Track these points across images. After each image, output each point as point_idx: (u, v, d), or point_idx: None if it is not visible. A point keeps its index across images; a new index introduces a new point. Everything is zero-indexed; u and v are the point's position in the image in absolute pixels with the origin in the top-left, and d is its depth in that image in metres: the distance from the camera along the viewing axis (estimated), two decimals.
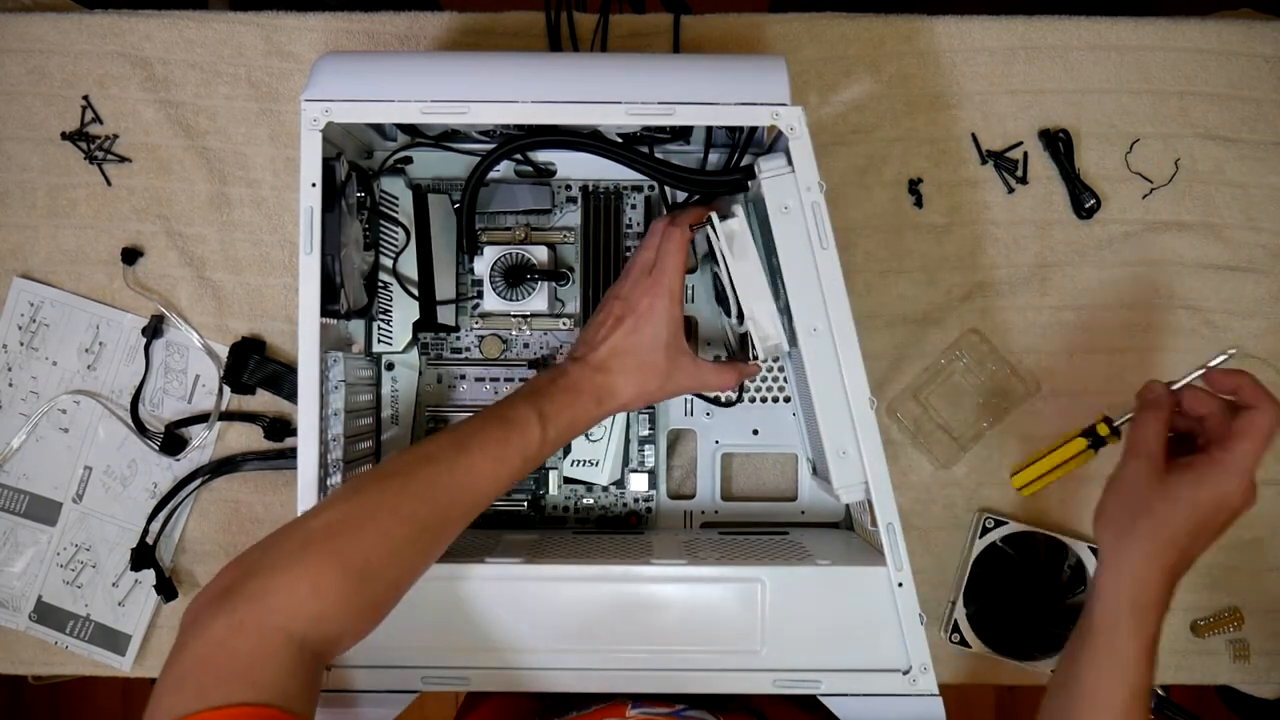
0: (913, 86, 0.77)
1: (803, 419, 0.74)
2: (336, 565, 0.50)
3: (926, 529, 0.77)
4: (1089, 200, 0.76)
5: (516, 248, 0.71)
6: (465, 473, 0.56)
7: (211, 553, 0.77)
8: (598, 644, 0.60)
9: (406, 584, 0.55)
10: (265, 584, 0.49)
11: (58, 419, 0.77)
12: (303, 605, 0.49)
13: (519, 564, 0.60)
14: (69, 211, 0.77)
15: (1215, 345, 0.77)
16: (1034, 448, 0.77)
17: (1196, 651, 0.77)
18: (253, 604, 0.48)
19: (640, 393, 0.62)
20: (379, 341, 0.72)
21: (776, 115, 0.59)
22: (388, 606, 0.54)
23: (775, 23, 0.77)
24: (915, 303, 0.77)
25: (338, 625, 0.50)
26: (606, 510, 0.76)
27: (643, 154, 0.67)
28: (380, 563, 0.52)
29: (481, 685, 0.59)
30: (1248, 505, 0.54)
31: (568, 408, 0.60)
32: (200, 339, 0.77)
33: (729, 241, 0.62)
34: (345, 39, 0.77)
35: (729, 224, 0.62)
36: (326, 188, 0.60)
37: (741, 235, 0.62)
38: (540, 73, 0.61)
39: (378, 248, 0.70)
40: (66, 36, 0.77)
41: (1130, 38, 0.77)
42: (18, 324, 0.77)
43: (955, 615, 0.75)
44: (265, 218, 0.77)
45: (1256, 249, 0.77)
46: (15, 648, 0.78)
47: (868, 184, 0.77)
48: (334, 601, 0.50)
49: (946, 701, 0.59)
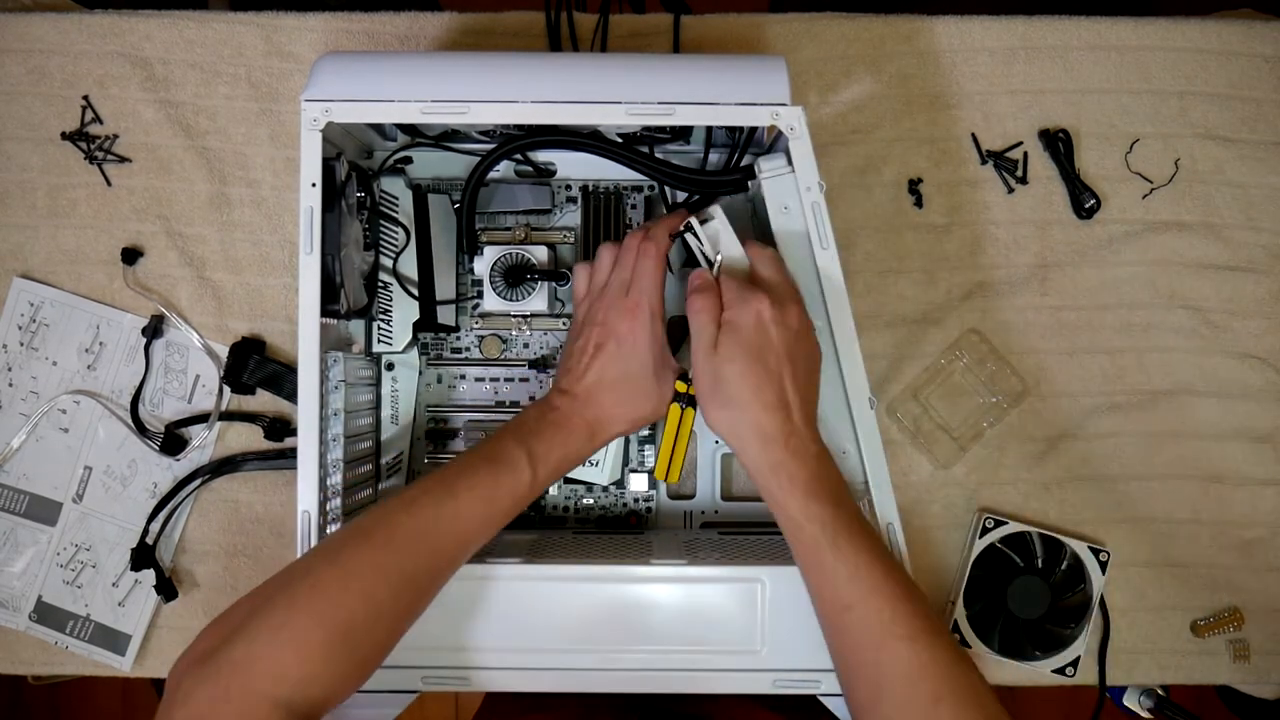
0: (913, 86, 0.77)
1: None
2: (321, 628, 0.49)
3: (926, 529, 0.77)
4: (1089, 200, 0.76)
5: (516, 248, 0.71)
6: (451, 521, 0.55)
7: (211, 553, 0.77)
8: (598, 644, 0.60)
9: (395, 639, 0.54)
10: (249, 650, 0.48)
11: (58, 419, 0.77)
12: (288, 671, 0.48)
13: (519, 564, 0.60)
14: (69, 211, 0.77)
15: (1215, 345, 0.77)
16: (1034, 448, 0.77)
17: (1196, 651, 0.77)
18: (237, 671, 0.47)
19: (634, 421, 0.61)
20: (379, 341, 0.72)
21: (776, 115, 0.59)
22: (375, 663, 0.53)
23: (775, 23, 0.77)
24: (915, 303, 0.77)
25: (324, 688, 0.49)
26: (606, 510, 0.76)
27: (642, 154, 0.67)
28: (366, 622, 0.51)
29: (481, 685, 0.59)
30: (783, 317, 0.56)
31: (559, 445, 0.58)
32: (200, 339, 0.77)
33: (713, 243, 0.61)
34: (345, 39, 0.77)
35: (711, 225, 0.61)
36: (326, 188, 0.60)
37: (725, 233, 0.61)
38: (540, 73, 0.61)
39: (378, 248, 0.70)
40: (66, 36, 0.77)
41: (1130, 38, 0.77)
42: (18, 324, 0.77)
43: (955, 615, 0.75)
44: (265, 218, 0.77)
45: (1256, 249, 0.77)
46: (15, 648, 0.78)
47: (868, 184, 0.77)
48: (320, 665, 0.49)
49: None
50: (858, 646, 0.54)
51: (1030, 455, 0.77)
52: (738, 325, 0.56)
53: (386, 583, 0.52)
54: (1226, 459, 0.77)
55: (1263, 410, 0.77)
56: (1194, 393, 0.77)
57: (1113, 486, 0.77)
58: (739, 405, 0.56)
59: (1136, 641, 0.77)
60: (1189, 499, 0.77)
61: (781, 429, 0.55)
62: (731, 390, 0.56)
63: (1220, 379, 0.77)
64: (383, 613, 0.52)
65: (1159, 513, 0.77)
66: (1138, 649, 0.77)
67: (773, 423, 0.55)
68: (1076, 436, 0.77)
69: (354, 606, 0.51)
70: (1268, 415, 0.77)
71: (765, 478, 0.56)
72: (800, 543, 0.55)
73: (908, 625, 0.53)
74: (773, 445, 0.55)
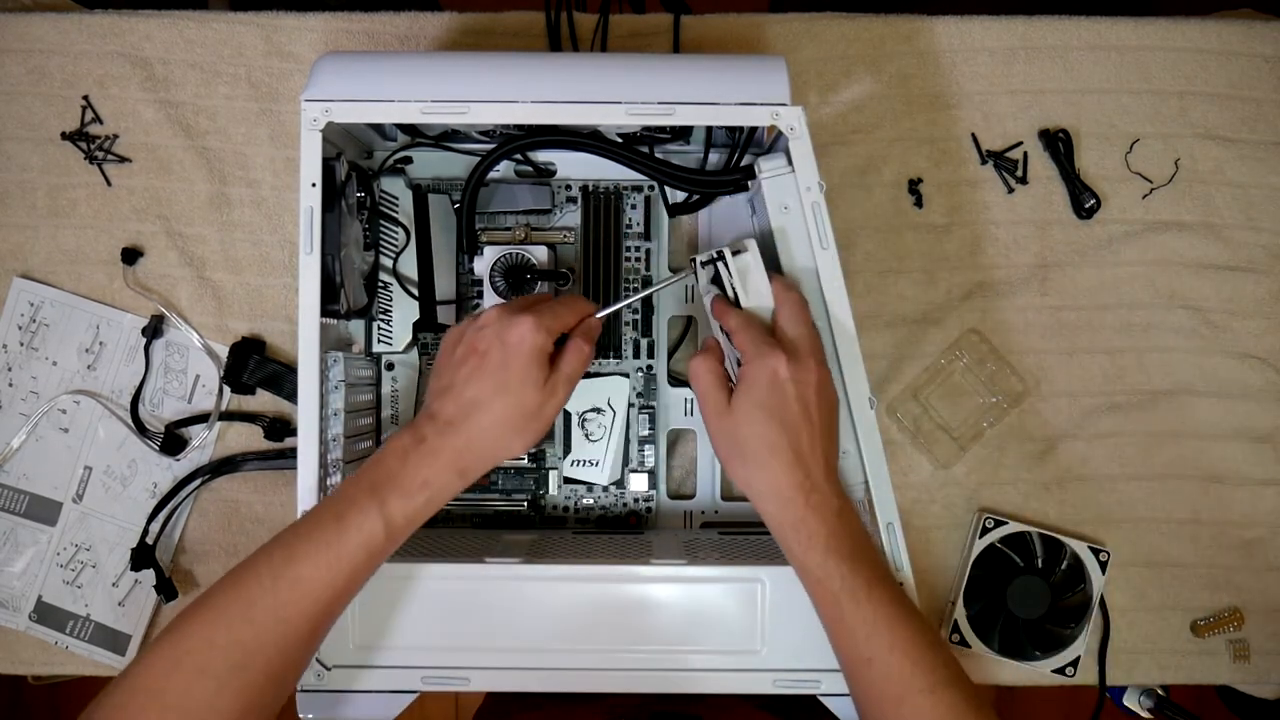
0: (913, 86, 0.77)
1: None
2: (157, 715, 0.48)
3: (926, 529, 0.77)
4: (1089, 200, 0.76)
5: (516, 248, 0.71)
6: (291, 588, 0.51)
7: (211, 553, 0.77)
8: (598, 644, 0.60)
9: (256, 709, 0.51)
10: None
11: (58, 419, 0.77)
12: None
13: (519, 564, 0.60)
14: (69, 211, 0.77)
15: (1215, 345, 0.77)
16: (1034, 448, 0.77)
17: (1196, 651, 0.77)
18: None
19: (510, 450, 0.56)
20: (379, 341, 0.72)
21: (776, 115, 0.59)
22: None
23: (775, 23, 0.77)
24: (915, 303, 0.77)
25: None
26: (606, 510, 0.76)
27: (642, 154, 0.67)
28: (206, 699, 0.49)
29: (481, 685, 0.59)
30: (800, 373, 0.55)
31: (420, 488, 0.54)
32: (200, 339, 0.77)
33: (741, 276, 0.60)
34: (345, 39, 0.77)
35: (742, 259, 0.60)
36: (326, 188, 0.60)
37: (756, 269, 0.60)
38: (540, 73, 0.61)
39: (378, 248, 0.70)
40: (66, 36, 0.77)
41: (1130, 38, 0.77)
42: (18, 324, 0.77)
43: (955, 615, 0.75)
44: (265, 218, 0.77)
45: (1256, 249, 0.77)
46: (15, 648, 0.78)
47: (868, 184, 0.77)
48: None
49: None
50: (880, 699, 0.54)
51: (1030, 455, 0.77)
52: (753, 383, 0.55)
53: (220, 656, 0.50)
54: (1226, 459, 0.77)
55: (1263, 410, 0.77)
56: (1194, 393, 0.77)
57: (1113, 486, 0.77)
58: (756, 464, 0.55)
59: (1136, 641, 0.77)
60: (1189, 499, 0.77)
61: (801, 486, 0.55)
62: (749, 450, 0.55)
63: (1220, 379, 0.77)
64: (225, 686, 0.49)
65: (1159, 513, 0.77)
66: (1138, 649, 0.77)
67: (791, 481, 0.55)
68: (1076, 436, 0.77)
69: (190, 684, 0.49)
70: (1268, 415, 0.77)
71: (785, 534, 0.55)
72: (820, 598, 0.55)
73: (927, 678, 0.53)
74: (792, 504, 0.55)
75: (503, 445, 0.56)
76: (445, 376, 0.57)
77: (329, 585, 0.52)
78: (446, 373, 0.57)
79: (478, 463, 0.56)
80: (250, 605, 0.51)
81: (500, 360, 0.55)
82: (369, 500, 0.53)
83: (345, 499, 0.54)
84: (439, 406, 0.56)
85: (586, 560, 0.62)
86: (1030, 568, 0.75)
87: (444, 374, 0.58)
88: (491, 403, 0.55)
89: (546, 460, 0.75)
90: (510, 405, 0.55)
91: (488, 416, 0.55)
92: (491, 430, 0.55)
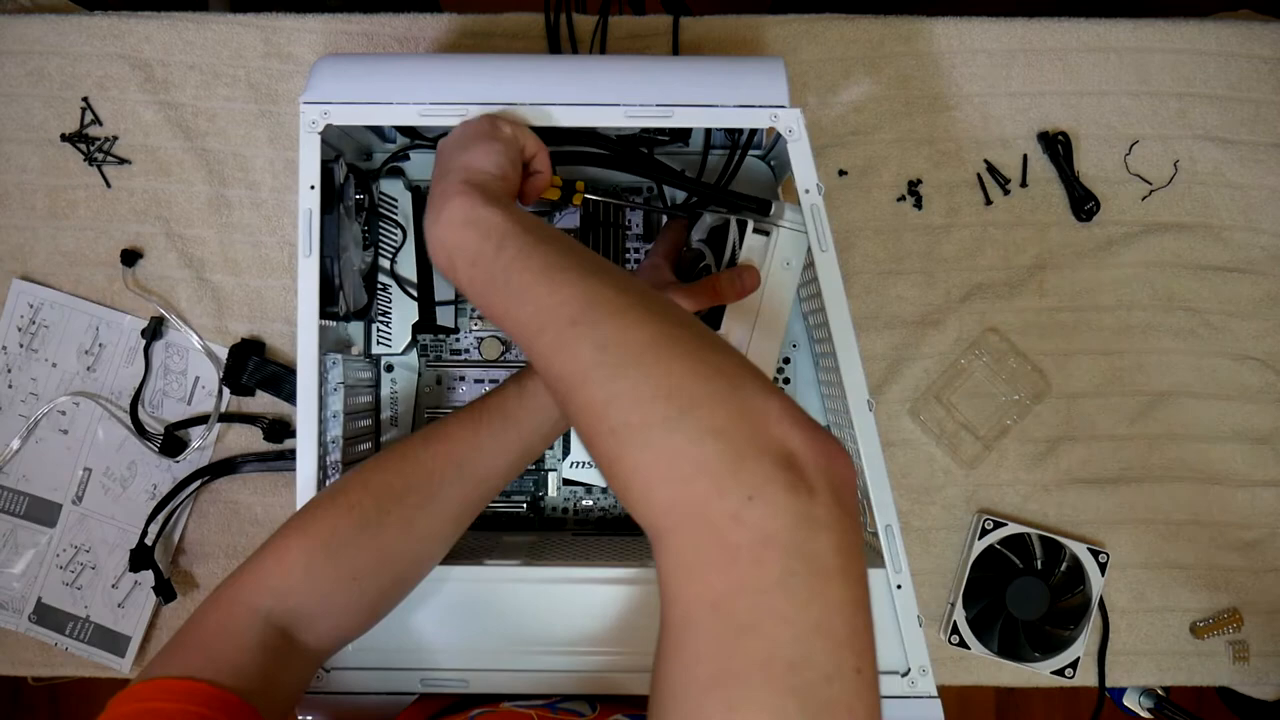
0: (912, 88, 0.77)
1: None
2: (301, 539, 0.52)
3: (925, 530, 0.77)
4: (1088, 202, 0.76)
5: None
6: (441, 440, 0.56)
7: (211, 554, 0.77)
8: (597, 646, 0.60)
9: (386, 561, 0.53)
10: (245, 564, 0.52)
11: (57, 420, 0.77)
12: (266, 580, 0.51)
13: (518, 566, 0.60)
14: (68, 213, 0.77)
15: (1215, 346, 0.77)
16: (1033, 449, 0.77)
17: (1196, 653, 0.77)
18: (230, 582, 0.51)
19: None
20: (378, 343, 0.72)
21: (775, 117, 0.59)
22: (364, 583, 0.53)
23: (774, 24, 0.77)
24: (914, 304, 0.77)
25: (304, 599, 0.51)
26: (606, 512, 0.76)
27: (643, 155, 0.67)
28: (348, 533, 0.52)
29: (481, 687, 0.59)
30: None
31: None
32: (200, 340, 0.77)
33: (748, 252, 0.62)
34: (344, 41, 0.77)
35: (759, 238, 0.62)
36: (325, 190, 0.60)
37: (758, 254, 0.62)
38: (539, 75, 0.61)
39: (377, 249, 0.70)
40: (66, 38, 0.77)
41: (1129, 39, 0.77)
42: (17, 325, 0.77)
43: (954, 617, 0.75)
44: (264, 219, 0.77)
45: (1255, 250, 0.77)
46: (15, 649, 0.78)
47: (867, 185, 0.77)
48: (299, 575, 0.51)
49: (946, 703, 0.59)
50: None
51: (1029, 456, 0.77)
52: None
53: (370, 495, 0.54)
54: (1225, 460, 0.77)
55: (1261, 411, 0.77)
56: (1193, 394, 0.77)
57: (1112, 488, 0.77)
58: None
59: (1136, 643, 0.77)
60: (1188, 500, 0.77)
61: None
62: None
63: (1219, 380, 0.77)
64: (366, 524, 0.53)
65: (1158, 514, 0.77)
66: (1137, 650, 0.77)
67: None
68: (1075, 438, 0.77)
69: (336, 518, 0.53)
70: (1266, 416, 0.77)
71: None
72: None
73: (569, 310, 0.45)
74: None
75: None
76: None
77: (472, 441, 0.56)
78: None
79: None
80: (402, 455, 0.56)
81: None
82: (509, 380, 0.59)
83: None
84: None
85: (586, 562, 0.62)
86: (1029, 569, 0.75)
87: None
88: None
89: (545, 462, 0.75)
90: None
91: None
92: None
